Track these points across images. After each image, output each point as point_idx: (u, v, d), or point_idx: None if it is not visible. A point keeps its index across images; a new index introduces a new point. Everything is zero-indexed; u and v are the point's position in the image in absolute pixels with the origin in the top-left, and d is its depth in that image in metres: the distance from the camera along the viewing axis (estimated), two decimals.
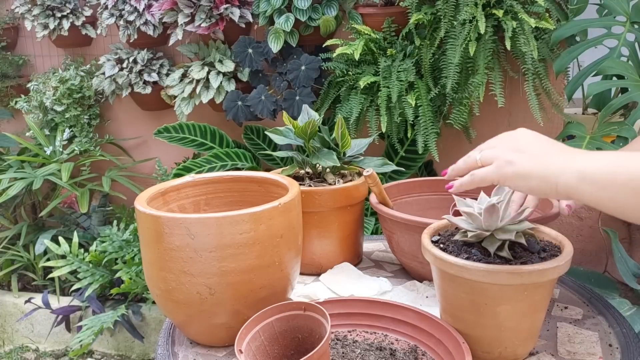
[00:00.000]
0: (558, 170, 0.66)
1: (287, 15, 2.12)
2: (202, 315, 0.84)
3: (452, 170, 0.76)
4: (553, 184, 0.66)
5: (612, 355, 0.82)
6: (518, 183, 0.68)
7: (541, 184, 0.67)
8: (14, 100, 2.72)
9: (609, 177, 0.63)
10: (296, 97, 2.15)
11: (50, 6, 2.58)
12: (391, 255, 1.20)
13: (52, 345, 2.58)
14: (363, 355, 0.80)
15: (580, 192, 0.64)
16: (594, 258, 2.14)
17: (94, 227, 2.64)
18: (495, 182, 0.70)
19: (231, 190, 1.02)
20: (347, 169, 1.15)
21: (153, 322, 2.41)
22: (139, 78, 2.47)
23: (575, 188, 0.64)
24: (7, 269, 2.65)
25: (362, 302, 0.89)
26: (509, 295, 0.75)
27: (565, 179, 0.65)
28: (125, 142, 2.81)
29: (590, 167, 0.64)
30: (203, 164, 2.14)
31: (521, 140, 0.71)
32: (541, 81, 1.90)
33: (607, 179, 0.63)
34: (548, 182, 0.66)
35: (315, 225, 1.08)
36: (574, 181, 0.64)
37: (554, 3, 1.87)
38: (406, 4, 1.94)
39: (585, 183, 0.64)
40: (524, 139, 0.71)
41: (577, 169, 0.64)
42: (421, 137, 1.96)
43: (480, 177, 0.71)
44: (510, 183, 0.69)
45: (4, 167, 2.63)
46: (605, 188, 0.63)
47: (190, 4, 2.23)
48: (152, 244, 0.83)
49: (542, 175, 0.66)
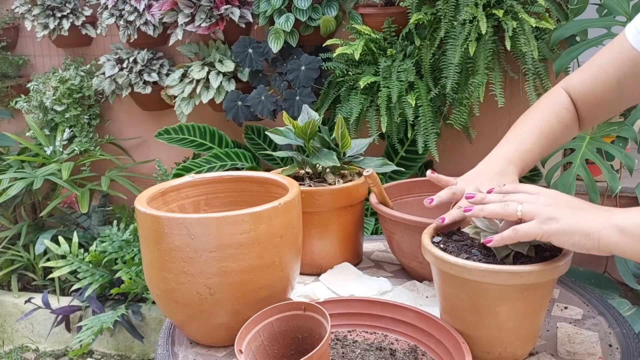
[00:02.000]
0: (600, 226, 0.70)
1: (287, 15, 2.12)
2: (202, 315, 0.84)
3: (482, 210, 0.77)
4: (595, 240, 0.70)
5: (612, 355, 0.82)
6: (561, 239, 0.71)
7: (583, 239, 0.70)
8: (14, 100, 2.72)
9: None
10: (296, 97, 2.15)
11: (50, 6, 2.58)
12: (391, 255, 1.20)
13: (52, 345, 2.58)
14: (363, 355, 0.80)
15: (622, 246, 0.69)
16: (594, 258, 2.14)
17: (94, 227, 2.64)
18: (538, 237, 0.73)
19: (231, 190, 1.02)
20: (347, 169, 1.15)
21: (153, 322, 2.41)
22: (139, 78, 2.47)
23: (616, 243, 0.69)
24: (7, 269, 2.65)
25: (362, 302, 0.89)
26: (509, 296, 0.75)
27: (607, 234, 0.70)
28: (125, 142, 2.81)
29: (628, 222, 0.69)
30: (203, 164, 2.14)
31: (559, 198, 0.76)
32: (542, 81, 1.90)
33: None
34: (591, 238, 0.70)
35: (315, 225, 1.07)
36: (615, 236, 0.69)
37: (554, 3, 1.87)
38: (406, 4, 1.94)
39: (626, 238, 0.69)
40: (561, 197, 0.76)
41: (616, 225, 0.69)
42: (421, 137, 1.96)
43: (524, 232, 0.73)
44: (554, 239, 0.72)
45: (4, 167, 2.63)
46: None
47: (190, 4, 2.23)
48: (152, 244, 0.83)
49: (585, 232, 0.70)
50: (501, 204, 0.76)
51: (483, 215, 0.77)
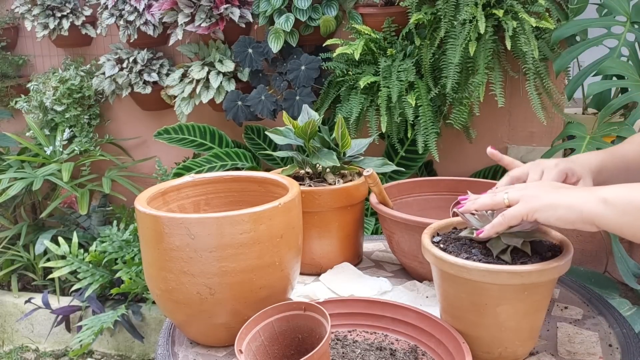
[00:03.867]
0: (582, 198, 0.71)
1: (287, 15, 2.12)
2: (202, 315, 0.84)
3: (473, 204, 0.80)
4: (578, 212, 0.70)
5: (612, 355, 0.82)
6: (546, 213, 0.72)
7: (567, 212, 0.71)
8: (14, 100, 2.72)
9: (630, 201, 0.68)
10: (296, 97, 2.15)
11: (50, 6, 2.58)
12: (391, 255, 1.20)
13: (52, 345, 2.58)
14: (363, 355, 0.80)
15: (604, 217, 0.69)
16: (594, 258, 2.14)
17: (94, 227, 2.64)
18: (525, 216, 0.74)
19: (231, 190, 1.02)
20: (347, 169, 1.15)
21: (153, 322, 2.41)
22: (139, 78, 2.47)
23: (598, 214, 0.69)
24: (7, 269, 2.65)
25: (362, 302, 0.89)
26: (509, 295, 0.75)
27: (590, 206, 0.70)
28: (125, 142, 2.81)
29: (611, 194, 0.69)
30: (203, 163, 2.14)
31: (545, 183, 0.79)
32: (542, 81, 1.90)
33: (628, 203, 0.68)
34: (574, 210, 0.71)
35: (315, 225, 1.07)
36: (598, 207, 0.69)
37: (554, 3, 1.87)
38: (406, 4, 1.94)
39: (608, 208, 0.69)
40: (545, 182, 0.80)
41: (599, 196, 0.70)
42: (421, 137, 1.96)
43: (511, 215, 0.75)
44: (539, 214, 0.73)
45: (4, 167, 2.63)
46: (625, 212, 0.68)
47: (190, 4, 2.23)
48: (152, 244, 0.83)
49: (568, 204, 0.71)
50: (490, 195, 0.79)
51: (474, 207, 0.79)
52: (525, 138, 2.21)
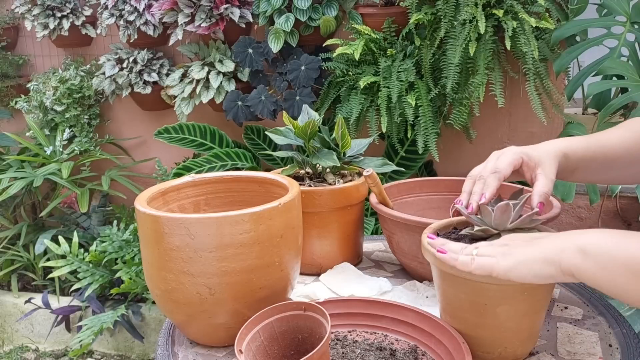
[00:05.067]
0: (559, 247, 0.64)
1: (287, 15, 2.12)
2: (202, 315, 0.84)
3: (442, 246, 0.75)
4: (557, 264, 0.63)
5: (612, 355, 0.82)
6: (521, 272, 0.66)
7: (544, 267, 0.64)
8: (14, 100, 2.72)
9: (610, 254, 0.60)
10: (296, 97, 2.15)
11: (50, 6, 2.58)
12: (391, 255, 1.20)
13: (52, 345, 2.58)
14: (363, 355, 0.80)
15: (583, 269, 0.61)
16: None
17: (94, 227, 2.64)
18: (496, 273, 0.68)
19: (231, 190, 1.02)
20: (347, 169, 1.15)
21: (153, 322, 2.41)
22: (139, 78, 2.47)
23: (578, 266, 0.62)
24: (7, 269, 2.65)
25: (362, 302, 0.89)
26: (509, 296, 0.75)
27: (568, 256, 0.63)
28: (125, 142, 2.81)
29: (590, 243, 0.62)
30: (203, 163, 2.14)
31: (516, 237, 0.72)
32: (542, 81, 1.90)
33: (607, 256, 0.60)
34: (551, 263, 0.64)
35: (315, 225, 1.07)
36: (576, 258, 0.62)
37: (554, 3, 1.87)
38: (406, 4, 1.94)
39: (587, 260, 0.61)
40: (519, 236, 0.72)
41: (577, 245, 0.62)
42: (421, 137, 1.96)
43: (481, 263, 0.69)
44: (514, 273, 0.66)
45: (4, 166, 2.63)
46: (605, 267, 0.60)
47: (190, 4, 2.23)
48: (152, 244, 0.83)
49: (543, 257, 0.64)
50: (460, 247, 0.74)
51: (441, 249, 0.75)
52: (525, 138, 2.21)
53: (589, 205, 1.90)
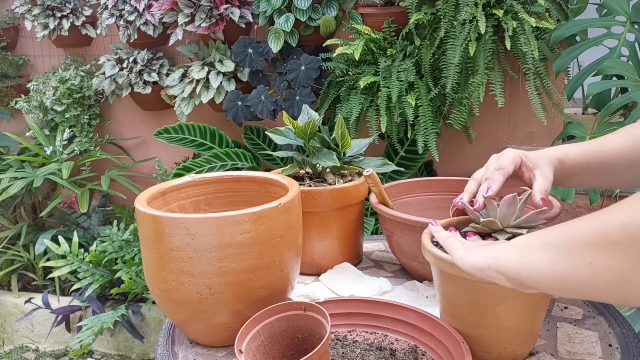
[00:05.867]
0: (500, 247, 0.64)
1: (287, 15, 2.12)
2: (202, 315, 0.84)
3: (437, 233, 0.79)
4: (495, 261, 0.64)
5: (612, 355, 0.82)
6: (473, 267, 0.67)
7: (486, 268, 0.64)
8: (14, 100, 2.72)
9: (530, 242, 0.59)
10: (296, 97, 2.15)
11: (50, 6, 2.58)
12: (391, 255, 1.20)
13: (52, 345, 2.58)
14: (363, 355, 0.80)
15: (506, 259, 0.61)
16: None
17: (94, 227, 2.64)
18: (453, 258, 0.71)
19: (231, 190, 1.02)
20: (347, 169, 1.15)
21: (153, 322, 2.41)
22: (139, 78, 2.47)
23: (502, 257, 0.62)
24: (7, 269, 2.65)
25: (362, 302, 0.89)
26: (508, 295, 0.75)
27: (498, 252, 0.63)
28: (125, 142, 2.81)
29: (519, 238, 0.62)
30: (203, 163, 2.14)
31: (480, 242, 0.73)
32: (542, 81, 1.90)
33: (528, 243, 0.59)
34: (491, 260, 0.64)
35: (315, 225, 1.07)
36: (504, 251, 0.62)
37: (554, 3, 1.87)
38: (406, 4, 1.94)
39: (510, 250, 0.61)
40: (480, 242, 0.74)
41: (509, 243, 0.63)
42: (421, 137, 1.96)
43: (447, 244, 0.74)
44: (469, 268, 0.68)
45: (4, 166, 2.63)
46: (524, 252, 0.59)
47: (190, 4, 2.23)
48: (152, 244, 0.83)
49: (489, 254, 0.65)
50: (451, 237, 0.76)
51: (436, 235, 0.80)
52: (525, 138, 2.21)
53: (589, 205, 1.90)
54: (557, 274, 0.54)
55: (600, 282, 0.50)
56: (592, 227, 0.52)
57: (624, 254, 0.48)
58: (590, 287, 0.51)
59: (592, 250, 0.51)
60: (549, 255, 0.55)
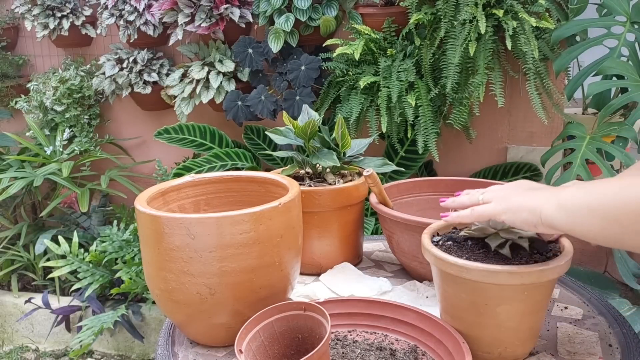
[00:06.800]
0: (543, 201, 0.71)
1: (287, 15, 2.12)
2: (202, 315, 0.84)
3: (453, 202, 0.83)
4: (538, 215, 0.70)
5: (612, 355, 0.82)
6: (512, 216, 0.74)
7: (529, 215, 0.71)
8: (14, 100, 2.72)
9: (581, 204, 0.67)
10: (296, 97, 2.15)
11: (50, 6, 2.58)
12: (391, 255, 1.20)
13: (52, 345, 2.58)
14: (363, 355, 0.80)
15: (558, 220, 0.68)
16: (594, 258, 2.14)
17: (94, 227, 2.64)
18: (492, 216, 0.76)
19: (231, 190, 1.02)
20: (347, 169, 1.15)
21: (153, 322, 2.41)
22: (139, 78, 2.47)
23: (554, 217, 0.69)
24: (7, 269, 2.65)
25: (362, 302, 0.89)
26: (509, 295, 0.75)
27: (547, 209, 0.70)
28: (125, 142, 2.81)
29: (568, 196, 0.69)
30: (203, 163, 2.14)
31: (519, 184, 0.79)
32: (542, 81, 1.90)
33: (579, 205, 0.67)
34: (535, 214, 0.71)
35: (315, 225, 1.07)
36: (552, 211, 0.69)
37: (554, 3, 1.87)
38: (406, 4, 1.94)
39: (561, 212, 0.68)
40: (522, 183, 0.80)
41: (557, 199, 0.70)
42: (421, 137, 1.96)
43: (479, 212, 0.77)
44: (506, 217, 0.74)
45: (4, 166, 2.63)
46: (575, 214, 0.67)
47: (190, 4, 2.23)
48: (152, 244, 0.83)
49: (530, 207, 0.72)
50: (467, 195, 0.81)
51: (454, 206, 0.83)
52: (525, 138, 2.21)
53: None
54: (608, 236, 0.64)
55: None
56: (634, 195, 0.60)
57: None
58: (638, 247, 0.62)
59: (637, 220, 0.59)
60: (599, 221, 0.64)
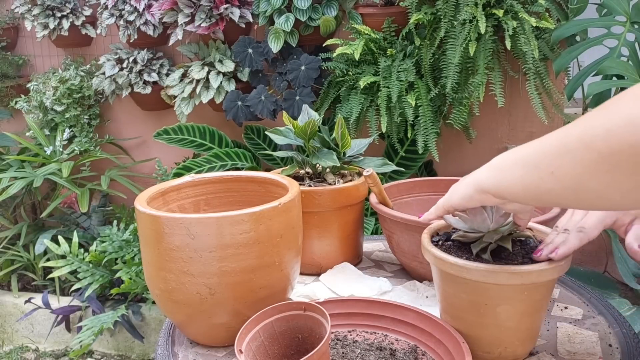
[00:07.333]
0: (477, 172, 0.70)
1: (287, 15, 2.12)
2: (202, 315, 0.84)
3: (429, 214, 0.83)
4: (472, 185, 0.70)
5: (612, 355, 0.82)
6: (453, 196, 0.74)
7: (465, 188, 0.71)
8: (14, 100, 2.72)
9: (506, 158, 0.65)
10: (296, 97, 2.15)
11: (50, 6, 2.58)
12: (391, 255, 1.20)
13: (52, 345, 2.58)
14: (363, 355, 0.80)
15: (487, 179, 0.67)
16: (594, 258, 2.14)
17: (94, 227, 2.64)
18: (446, 204, 0.77)
19: (231, 190, 1.02)
20: (347, 169, 1.15)
21: (153, 322, 2.41)
22: (139, 78, 2.47)
23: (482, 179, 0.68)
24: (7, 269, 2.65)
25: (362, 302, 0.89)
26: (509, 295, 0.75)
27: (479, 174, 0.69)
28: (125, 142, 2.81)
29: (498, 157, 0.67)
30: (203, 163, 2.14)
31: None
32: (542, 81, 1.90)
33: (504, 160, 0.65)
34: (469, 184, 0.70)
35: (315, 225, 1.07)
36: (483, 173, 0.68)
37: (554, 3, 1.87)
38: (406, 4, 1.94)
39: (490, 170, 0.67)
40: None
41: (488, 163, 0.68)
42: (421, 137, 1.96)
43: (441, 204, 0.78)
44: (452, 200, 0.75)
45: (4, 166, 2.63)
46: (502, 169, 0.65)
47: (190, 4, 2.23)
48: (152, 244, 0.83)
49: (467, 180, 0.71)
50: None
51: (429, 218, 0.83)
52: (525, 138, 2.21)
53: None
54: (528, 185, 0.60)
55: (561, 189, 0.56)
56: (554, 139, 0.57)
57: (579, 162, 0.53)
58: (554, 194, 0.57)
59: (553, 160, 0.56)
60: (520, 170, 0.61)
